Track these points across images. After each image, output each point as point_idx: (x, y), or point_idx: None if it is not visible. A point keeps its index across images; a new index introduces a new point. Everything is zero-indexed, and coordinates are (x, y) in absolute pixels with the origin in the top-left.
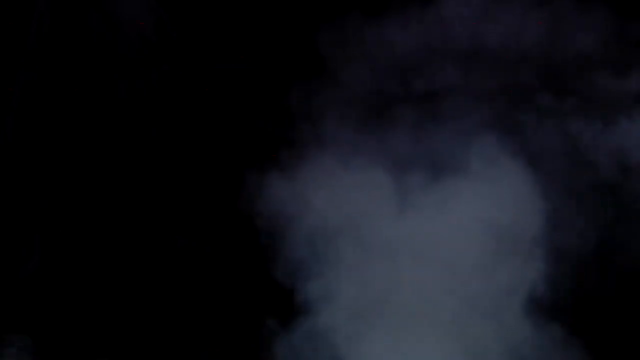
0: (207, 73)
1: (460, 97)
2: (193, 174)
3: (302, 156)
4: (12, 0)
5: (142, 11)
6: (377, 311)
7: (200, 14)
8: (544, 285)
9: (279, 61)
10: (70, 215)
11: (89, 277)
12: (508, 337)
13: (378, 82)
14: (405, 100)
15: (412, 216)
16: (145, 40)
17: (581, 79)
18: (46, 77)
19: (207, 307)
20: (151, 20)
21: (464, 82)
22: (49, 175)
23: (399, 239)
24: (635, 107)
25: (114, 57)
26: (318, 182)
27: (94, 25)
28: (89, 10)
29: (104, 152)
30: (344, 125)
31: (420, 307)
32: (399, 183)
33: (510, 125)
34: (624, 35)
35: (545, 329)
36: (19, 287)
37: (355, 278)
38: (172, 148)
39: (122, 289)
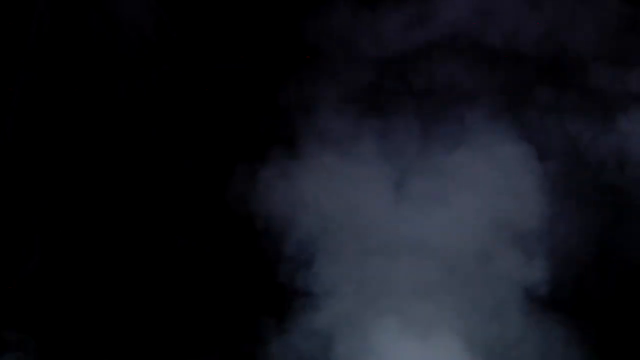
0: (207, 73)
1: (459, 90)
2: (193, 173)
3: (301, 154)
4: (12, 0)
5: (142, 11)
6: (376, 308)
7: (200, 14)
8: (544, 285)
9: (276, 59)
10: (70, 215)
11: (89, 277)
12: (507, 336)
13: (376, 76)
14: (403, 95)
15: (411, 211)
16: (145, 40)
17: (582, 76)
18: (46, 77)
19: (206, 307)
20: (151, 20)
21: (463, 76)
22: (49, 175)
23: (398, 235)
24: (635, 106)
25: (114, 57)
26: (317, 180)
27: (94, 25)
28: (89, 10)
29: (104, 152)
30: (342, 121)
31: (419, 304)
32: (398, 178)
33: (511, 122)
34: (628, 28)
35: (545, 329)
36: (19, 287)
37: (354, 275)
38: (172, 148)
39: (122, 289)
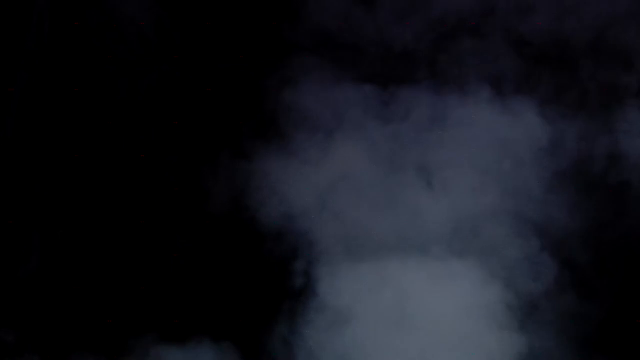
0: (207, 73)
1: (459, 83)
2: (193, 173)
3: (301, 152)
4: (12, 0)
5: (142, 11)
6: (377, 306)
7: (200, 14)
8: (543, 285)
9: (273, 56)
10: (70, 215)
11: (88, 277)
12: (506, 337)
13: (375, 70)
14: (401, 89)
15: (410, 207)
16: (145, 40)
17: (583, 72)
18: (46, 77)
19: (206, 307)
20: (151, 20)
21: (463, 68)
22: (49, 174)
23: (398, 231)
24: (636, 105)
25: (114, 57)
26: (316, 177)
27: (94, 25)
28: (89, 10)
29: (104, 152)
30: (342, 118)
31: (414, 305)
32: (396, 173)
33: (510, 121)
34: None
35: (545, 329)
36: (19, 287)
37: (355, 272)
38: (172, 148)
39: (121, 289)
